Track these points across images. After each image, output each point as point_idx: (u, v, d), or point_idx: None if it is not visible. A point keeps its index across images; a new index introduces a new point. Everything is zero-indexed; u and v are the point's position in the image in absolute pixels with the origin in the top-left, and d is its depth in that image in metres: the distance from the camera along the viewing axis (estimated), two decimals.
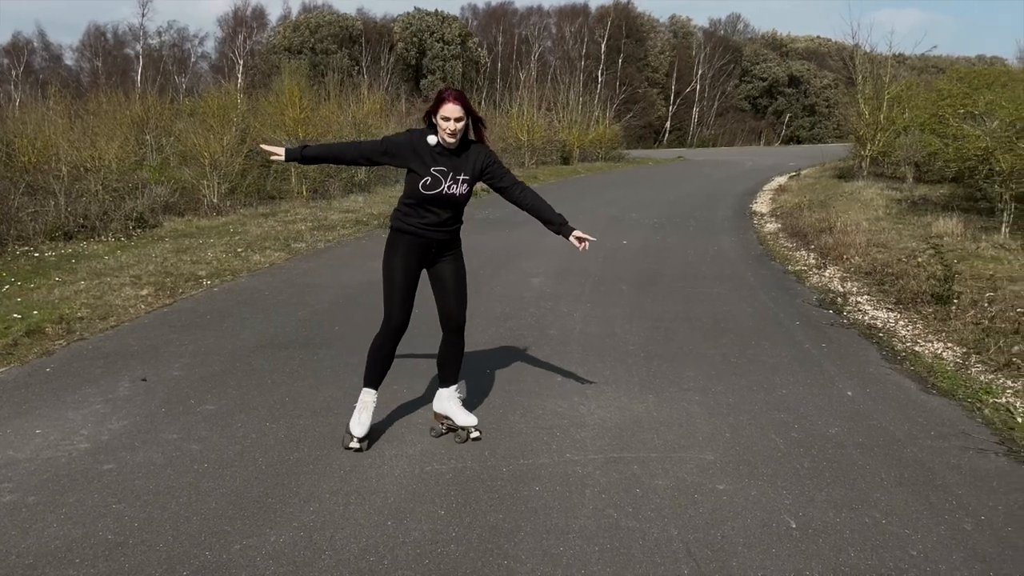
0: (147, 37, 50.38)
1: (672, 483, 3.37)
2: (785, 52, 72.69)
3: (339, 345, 5.52)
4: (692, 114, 67.23)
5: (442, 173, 3.66)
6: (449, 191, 3.69)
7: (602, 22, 62.23)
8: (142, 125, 15.15)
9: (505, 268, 8.72)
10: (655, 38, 65.83)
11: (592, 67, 59.13)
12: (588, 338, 5.79)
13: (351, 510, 3.11)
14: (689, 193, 19.42)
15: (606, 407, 4.32)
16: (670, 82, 65.11)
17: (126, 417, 4.08)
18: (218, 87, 21.28)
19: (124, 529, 2.94)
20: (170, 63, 48.69)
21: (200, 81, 47.65)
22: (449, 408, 3.91)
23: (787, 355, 5.33)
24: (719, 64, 66.23)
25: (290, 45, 51.24)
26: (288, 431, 3.93)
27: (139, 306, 6.50)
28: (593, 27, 62.31)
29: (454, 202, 3.76)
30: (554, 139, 31.91)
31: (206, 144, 13.66)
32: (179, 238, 10.09)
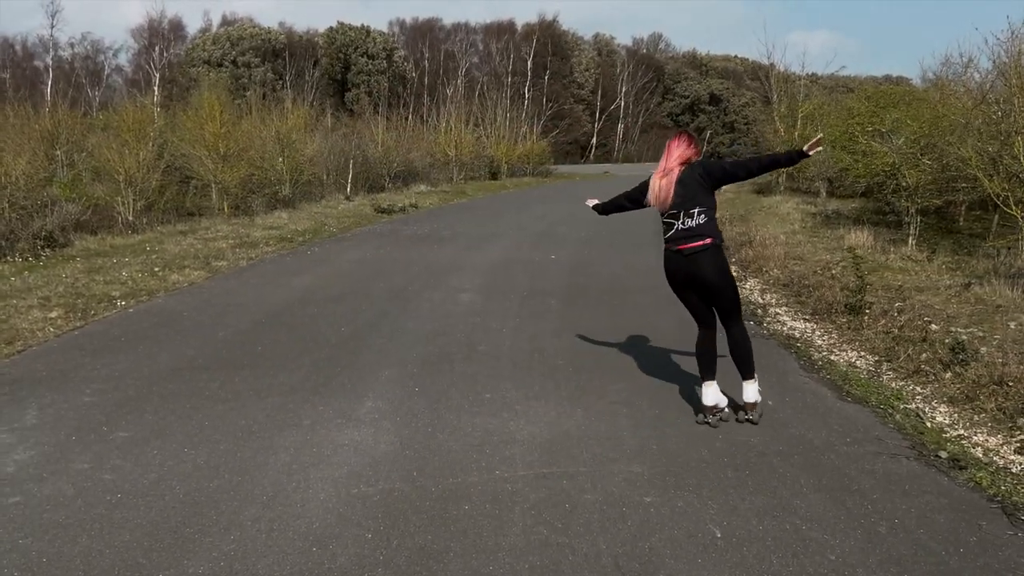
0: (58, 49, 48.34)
1: (601, 497, 3.40)
2: (705, 71, 75.06)
3: (262, 366, 5.38)
4: (617, 130, 68.62)
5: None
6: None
7: (528, 39, 63.00)
8: (52, 140, 14.48)
9: (434, 284, 8.67)
10: (580, 55, 67.02)
11: (519, 83, 59.69)
12: (517, 353, 5.80)
13: (274, 537, 3.01)
14: None
15: (535, 422, 4.32)
16: (595, 99, 66.32)
17: (34, 447, 3.86)
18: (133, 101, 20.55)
19: (31, 566, 2.77)
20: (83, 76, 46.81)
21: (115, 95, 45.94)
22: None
23: None
24: (642, 82, 67.87)
25: (210, 58, 49.98)
26: (207, 457, 3.79)
27: (48, 329, 6.19)
28: (519, 44, 63.02)
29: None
30: (482, 154, 32.07)
31: (121, 159, 13.15)
32: (91, 257, 9.66)
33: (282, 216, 15.12)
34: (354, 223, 15.16)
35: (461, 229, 14.56)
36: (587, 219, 17.06)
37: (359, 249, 11.62)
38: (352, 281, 8.84)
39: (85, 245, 10.50)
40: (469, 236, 13.41)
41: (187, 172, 15.69)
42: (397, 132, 27.46)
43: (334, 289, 8.33)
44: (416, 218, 16.89)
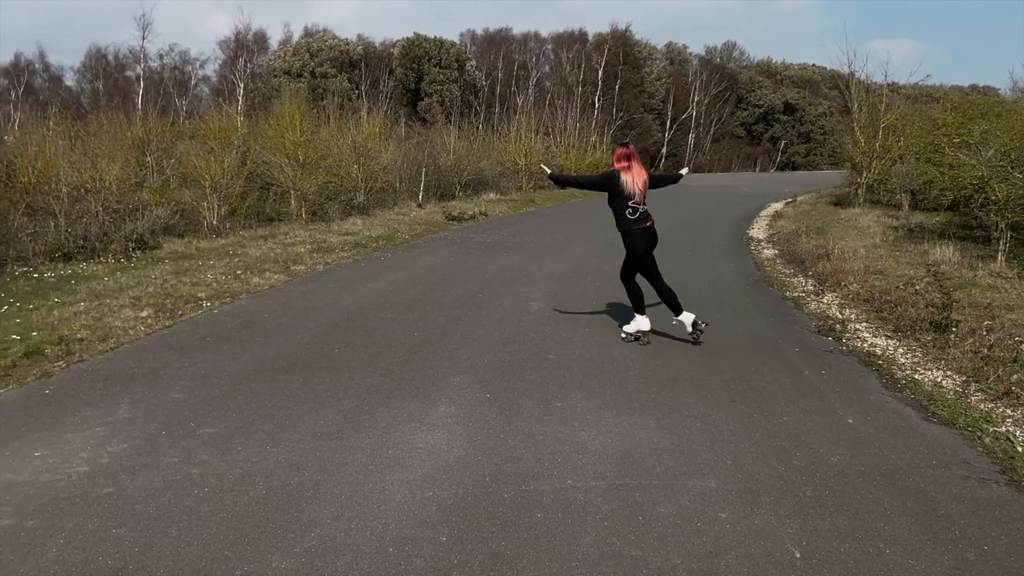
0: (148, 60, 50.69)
1: (675, 511, 3.36)
2: (780, 80, 73.47)
3: (339, 368, 5.52)
4: (688, 140, 67.73)
5: None
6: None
7: (599, 49, 62.87)
8: (143, 147, 15.20)
9: (504, 292, 8.73)
10: (652, 65, 66.48)
11: (589, 93, 59.61)
12: (587, 363, 5.80)
13: (352, 536, 3.09)
14: (686, 218, 19.51)
15: (607, 433, 4.31)
16: (666, 108, 65.64)
17: (126, 440, 4.06)
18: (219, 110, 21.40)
19: (124, 554, 2.92)
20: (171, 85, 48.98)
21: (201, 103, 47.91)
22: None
23: (787, 382, 5.34)
24: (715, 91, 66.87)
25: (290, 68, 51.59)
26: (288, 455, 3.92)
27: (139, 328, 6.50)
28: (590, 53, 62.94)
29: None
30: (552, 163, 32.09)
31: (207, 166, 13.72)
32: (179, 259, 10.09)
33: (357, 223, 15.48)
34: (425, 230, 15.39)
35: (530, 237, 14.61)
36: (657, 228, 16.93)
37: (430, 256, 11.79)
38: (424, 287, 8.97)
39: (173, 248, 10.98)
40: (538, 244, 13.45)
41: (268, 179, 16.23)
42: (468, 141, 27.78)
43: (407, 295, 8.48)
44: (486, 226, 17.03)
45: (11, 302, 7.37)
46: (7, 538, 3.03)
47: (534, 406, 4.75)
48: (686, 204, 25.25)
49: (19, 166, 12.46)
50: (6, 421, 4.31)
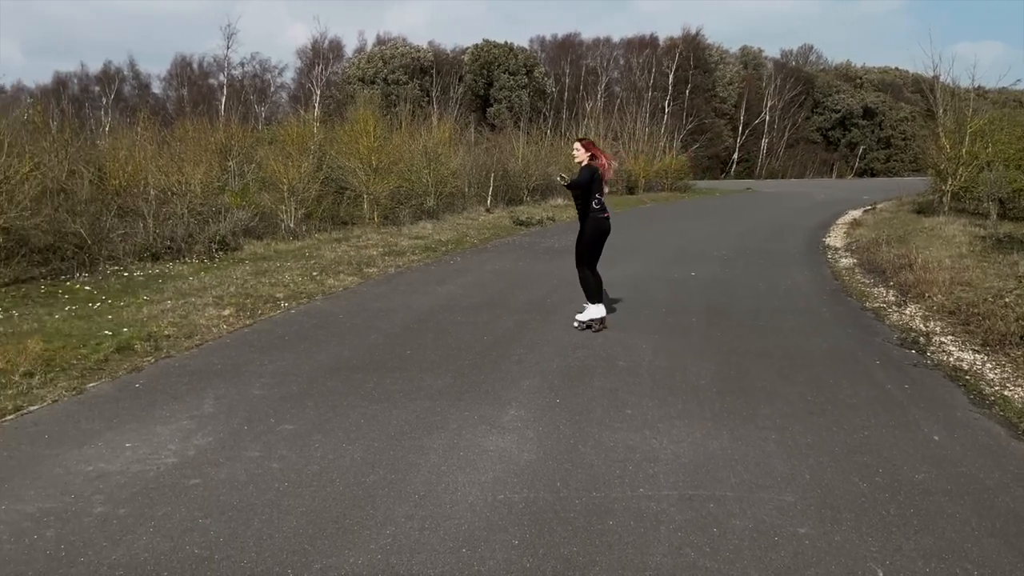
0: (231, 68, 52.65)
1: (751, 524, 3.30)
2: (859, 83, 71.19)
3: (411, 369, 5.61)
4: (761, 145, 66.33)
5: None
6: None
7: (670, 53, 62.21)
8: (225, 152, 15.78)
9: (572, 298, 8.71)
10: (724, 69, 65.39)
11: (659, 98, 59.04)
12: (658, 371, 5.74)
13: (427, 535, 3.14)
14: (759, 225, 19.10)
15: (679, 442, 4.26)
16: (739, 113, 64.45)
17: (211, 434, 4.22)
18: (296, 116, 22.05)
19: (210, 544, 3.03)
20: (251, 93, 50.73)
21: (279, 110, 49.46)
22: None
23: (868, 395, 5.17)
24: (790, 95, 65.32)
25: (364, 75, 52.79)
26: (364, 453, 4.00)
27: (221, 326, 6.75)
28: (661, 58, 62.32)
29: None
30: (619, 169, 31.89)
31: (285, 171, 14.15)
32: (258, 261, 10.44)
33: (427, 227, 15.71)
34: (494, 235, 15.50)
35: None
36: (729, 235, 16.65)
37: (499, 260, 11.87)
38: (493, 291, 9.04)
39: (252, 249, 11.36)
40: (605, 250, 13.36)
41: (342, 183, 16.62)
42: (536, 146, 27.86)
43: (476, 298, 8.56)
44: (553, 231, 17.03)
45: (103, 299, 7.75)
46: (100, 525, 3.18)
47: (604, 412, 4.73)
48: (758, 211, 24.74)
49: (111, 170, 13.09)
50: (99, 413, 4.54)
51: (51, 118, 13.76)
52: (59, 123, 13.85)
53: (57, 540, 3.04)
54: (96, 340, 5.94)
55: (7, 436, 4.13)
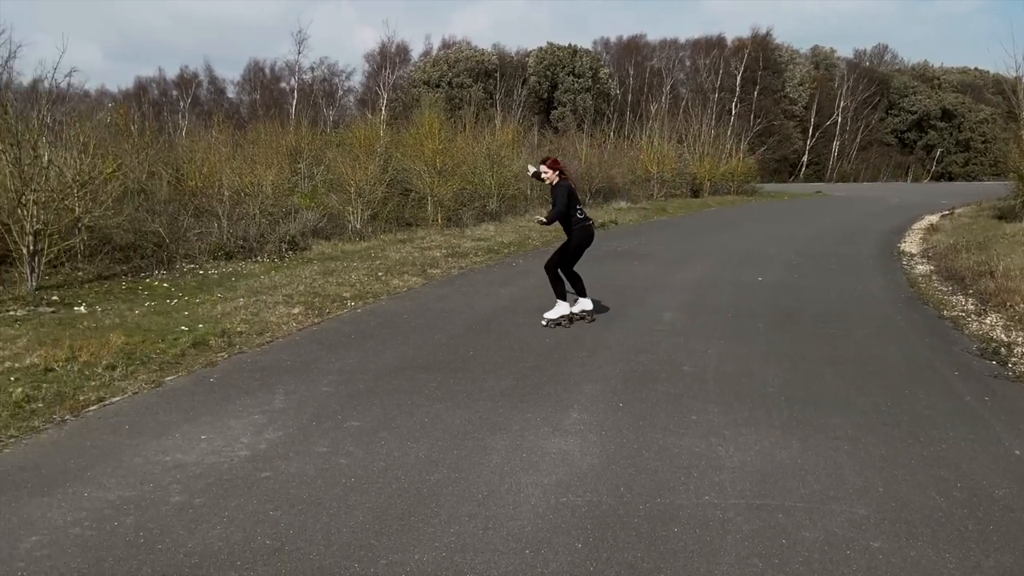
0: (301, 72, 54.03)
1: (821, 536, 3.21)
2: (937, 84, 68.52)
3: (474, 370, 5.65)
4: (832, 148, 64.51)
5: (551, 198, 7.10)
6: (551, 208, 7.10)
7: (738, 54, 61.07)
8: (296, 155, 16.20)
9: (635, 301, 8.65)
10: (794, 69, 63.81)
11: (726, 99, 58.01)
12: (724, 377, 5.63)
13: (490, 535, 3.15)
14: (829, 229, 18.57)
15: (746, 450, 4.17)
16: (809, 114, 62.80)
17: (281, 428, 4.34)
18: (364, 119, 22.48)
19: (280, 536, 3.11)
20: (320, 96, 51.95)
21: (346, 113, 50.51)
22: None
23: (946, 407, 4.97)
24: (863, 96, 63.32)
25: (429, 79, 53.45)
26: (428, 452, 4.05)
27: (291, 324, 6.93)
28: (728, 59, 61.24)
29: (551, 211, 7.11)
30: (684, 172, 31.48)
31: (352, 173, 14.44)
32: (326, 261, 10.67)
33: (489, 229, 15.79)
34: (556, 237, 15.44)
35: (661, 246, 14.39)
36: (798, 239, 16.24)
37: None
38: None
39: (320, 249, 11.63)
40: (670, 254, 13.22)
41: (407, 185, 16.86)
42: (599, 149, 27.73)
43: (537, 300, 8.55)
44: (616, 234, 16.91)
45: (180, 296, 8.05)
46: (177, 513, 3.30)
47: (668, 418, 4.67)
48: (828, 214, 24.05)
49: (188, 171, 13.59)
50: (176, 405, 4.71)
51: (132, 121, 14.35)
52: (139, 126, 14.45)
53: (136, 527, 3.16)
54: (173, 335, 6.17)
55: (91, 426, 4.33)
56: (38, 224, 7.94)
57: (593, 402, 4.96)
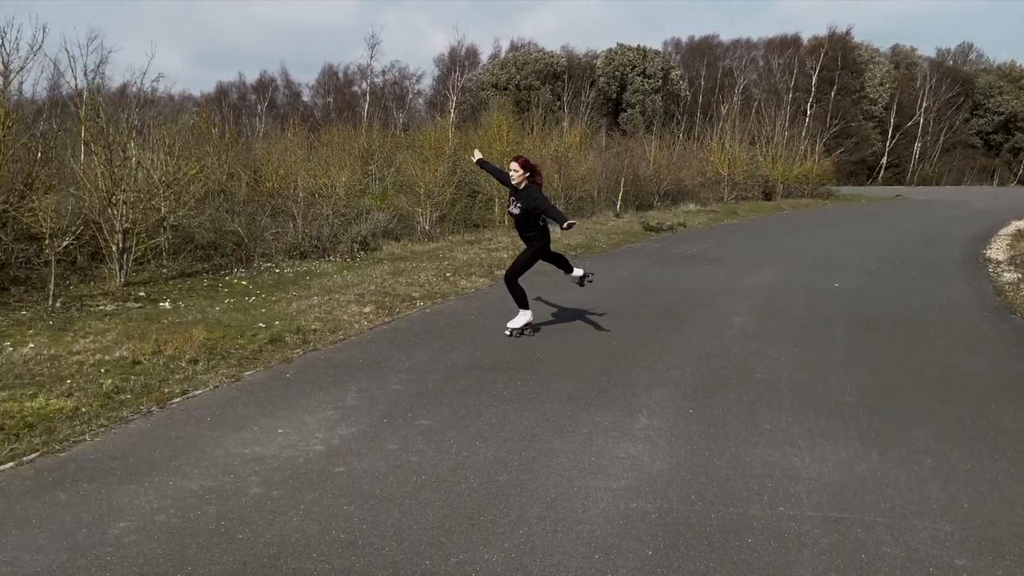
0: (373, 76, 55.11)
1: (903, 552, 3.10)
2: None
3: (540, 372, 5.66)
4: (913, 150, 62.13)
5: (512, 199, 6.66)
6: (512, 210, 6.71)
7: (814, 53, 59.42)
8: (367, 157, 16.52)
9: (705, 305, 8.51)
10: (874, 69, 61.70)
11: (801, 99, 56.53)
12: (798, 385, 5.49)
13: (559, 538, 3.15)
14: (910, 234, 17.88)
15: (822, 461, 4.06)
16: (889, 115, 60.63)
17: (353, 425, 4.43)
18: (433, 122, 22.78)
19: (354, 530, 3.18)
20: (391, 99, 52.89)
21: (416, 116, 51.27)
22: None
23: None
24: (946, 96, 60.76)
25: (497, 81, 53.76)
26: (496, 452, 4.07)
27: (362, 322, 7.07)
28: (804, 58, 59.64)
29: (514, 215, 6.72)
30: (756, 174, 30.79)
31: (421, 175, 14.64)
32: (395, 261, 10.86)
33: (555, 231, 15.76)
34: (623, 240, 15.36)
35: (732, 250, 14.11)
36: (876, 243, 15.70)
37: (628, 266, 11.75)
38: (622, 297, 8.96)
39: (391, 250, 11.84)
40: (741, 257, 12.96)
41: (474, 187, 17.00)
42: (668, 151, 27.39)
43: (605, 303, 8.51)
44: (685, 237, 16.68)
45: (258, 293, 8.31)
46: (256, 505, 3.41)
47: (740, 426, 4.58)
48: (909, 219, 23.17)
49: (265, 173, 14.02)
50: (255, 400, 4.87)
51: (213, 124, 14.88)
52: (220, 129, 14.97)
53: (217, 516, 3.28)
54: (252, 332, 6.37)
55: (175, 417, 4.51)
56: (127, 223, 8.32)
57: (662, 407, 4.91)
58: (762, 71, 63.08)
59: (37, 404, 4.46)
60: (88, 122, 8.73)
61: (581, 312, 7.96)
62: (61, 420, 4.29)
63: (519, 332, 6.83)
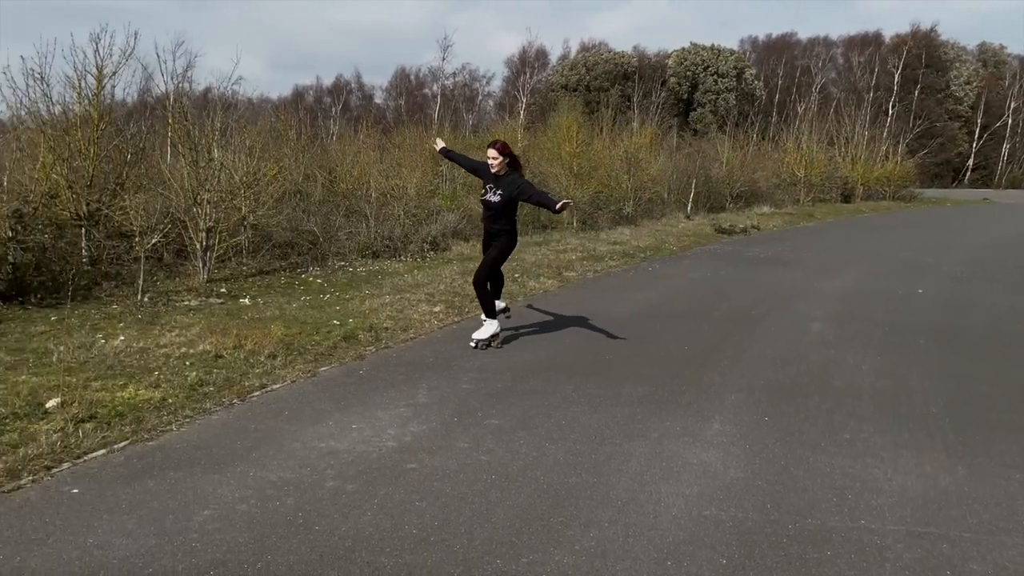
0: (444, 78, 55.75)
1: (990, 570, 2.96)
2: None
3: (610, 374, 5.61)
4: (1001, 151, 59.18)
5: (490, 188, 6.12)
6: (489, 199, 6.12)
7: (897, 51, 57.26)
8: (438, 157, 16.71)
9: (780, 309, 8.29)
10: (960, 67, 59.05)
11: (882, 99, 54.56)
12: (880, 394, 5.30)
13: (630, 543, 3.12)
14: (1000, 240, 17.03)
15: (905, 474, 3.91)
16: (976, 115, 57.94)
17: (424, 422, 4.49)
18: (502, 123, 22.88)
19: (426, 526, 3.22)
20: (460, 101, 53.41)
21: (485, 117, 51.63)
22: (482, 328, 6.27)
23: None
24: None
25: (567, 82, 53.64)
26: (565, 454, 4.06)
27: (432, 322, 7.16)
28: (885, 56, 57.54)
29: (492, 204, 6.13)
30: (834, 175, 29.86)
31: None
32: (464, 261, 10.95)
33: (624, 232, 15.65)
34: (694, 242, 15.12)
35: (808, 254, 13.72)
36: (962, 248, 15.02)
37: (699, 268, 11.56)
38: (693, 300, 8.82)
39: (460, 250, 11.94)
40: (818, 261, 12.58)
41: (543, 187, 16.99)
42: (741, 151, 26.82)
43: (675, 306, 8.40)
44: (758, 239, 16.31)
45: (332, 291, 8.51)
46: (332, 498, 3.49)
47: (818, 435, 4.45)
48: (997, 223, 22.07)
49: (339, 174, 14.35)
50: (330, 395, 4.98)
51: (290, 127, 15.31)
52: (296, 131, 15.38)
53: (295, 508, 3.37)
54: (327, 328, 6.53)
55: (255, 410, 4.66)
56: (210, 222, 8.63)
57: (736, 413, 4.81)
58: (841, 69, 61.18)
59: (127, 394, 4.68)
60: (175, 125, 9.10)
61: (651, 315, 7.87)
62: (149, 410, 4.48)
63: (485, 344, 6.21)
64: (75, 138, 8.38)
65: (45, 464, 3.68)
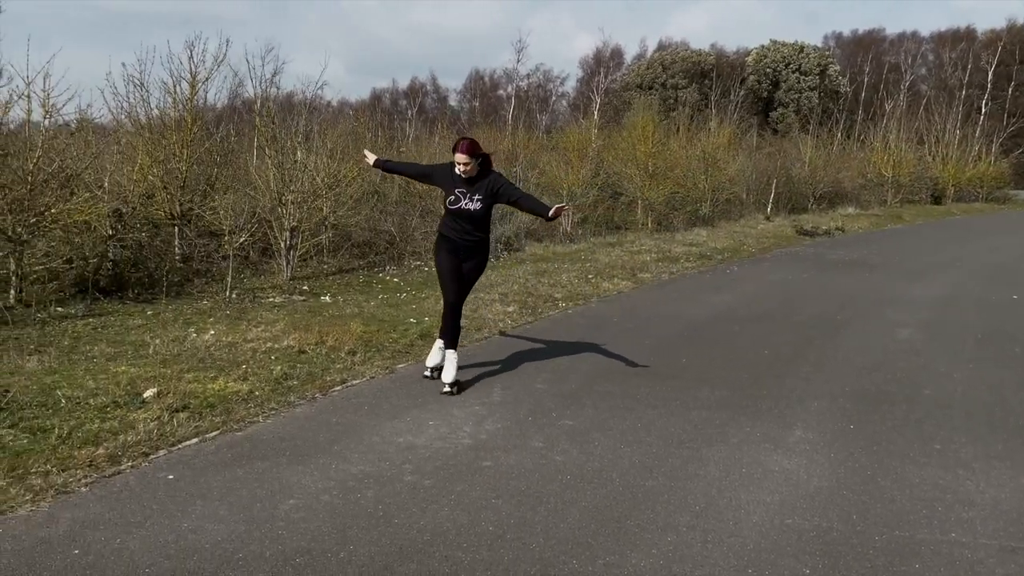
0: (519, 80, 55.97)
1: None
2: None
3: (686, 377, 5.54)
4: None
5: (462, 193, 5.03)
6: (466, 207, 5.03)
7: (990, 47, 54.39)
8: (512, 158, 16.79)
9: (865, 315, 8.02)
10: None
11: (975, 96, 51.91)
12: (973, 404, 5.07)
13: (709, 549, 3.08)
14: None
15: (1000, 486, 3.72)
16: None
17: (499, 421, 4.53)
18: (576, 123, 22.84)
19: (502, 523, 3.25)
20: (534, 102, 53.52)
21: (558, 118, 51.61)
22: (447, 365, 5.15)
23: None
24: None
25: (642, 82, 53.06)
26: (641, 457, 4.03)
27: (506, 321, 7.21)
28: (979, 53, 54.74)
29: (470, 215, 5.06)
30: (923, 176, 28.63)
31: (564, 176, 14.72)
32: (538, 262, 10.99)
33: (701, 233, 15.39)
34: (774, 244, 14.76)
35: (896, 257, 13.21)
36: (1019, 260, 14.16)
37: (780, 271, 11.27)
38: (773, 303, 8.61)
39: (533, 251, 12.00)
40: (906, 265, 12.10)
41: (617, 188, 16.88)
42: (825, 151, 26.00)
43: (754, 309, 8.22)
44: (843, 242, 15.80)
45: (408, 290, 8.68)
46: (410, 492, 3.56)
47: (907, 445, 4.28)
48: None
49: None
50: (407, 391, 5.08)
51: (368, 129, 15.64)
52: (374, 133, 15.71)
53: (375, 500, 3.45)
54: (403, 326, 6.66)
55: (336, 404, 4.79)
56: (294, 221, 8.92)
57: (820, 420, 4.67)
58: (932, 66, 58.56)
59: (217, 386, 4.88)
60: (263, 128, 9.43)
61: (728, 318, 7.72)
62: (238, 402, 4.67)
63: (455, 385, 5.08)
64: (170, 141, 8.79)
65: (143, 451, 3.88)
